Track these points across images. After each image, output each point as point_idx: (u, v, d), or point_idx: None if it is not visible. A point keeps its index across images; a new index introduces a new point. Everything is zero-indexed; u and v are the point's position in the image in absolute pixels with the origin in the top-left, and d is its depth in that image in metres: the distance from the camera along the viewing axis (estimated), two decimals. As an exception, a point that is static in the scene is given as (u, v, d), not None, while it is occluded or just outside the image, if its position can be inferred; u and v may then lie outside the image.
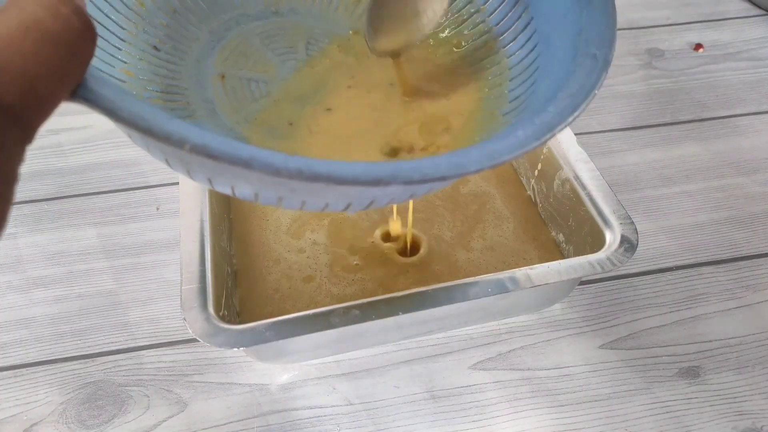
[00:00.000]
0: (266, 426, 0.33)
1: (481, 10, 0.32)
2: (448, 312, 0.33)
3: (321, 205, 0.21)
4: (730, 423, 0.33)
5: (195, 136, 0.15)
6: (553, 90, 0.23)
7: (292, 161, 0.16)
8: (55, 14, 0.13)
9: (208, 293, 0.30)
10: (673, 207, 0.44)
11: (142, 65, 0.27)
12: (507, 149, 0.19)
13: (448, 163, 0.18)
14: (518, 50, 0.29)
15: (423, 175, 0.17)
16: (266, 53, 0.31)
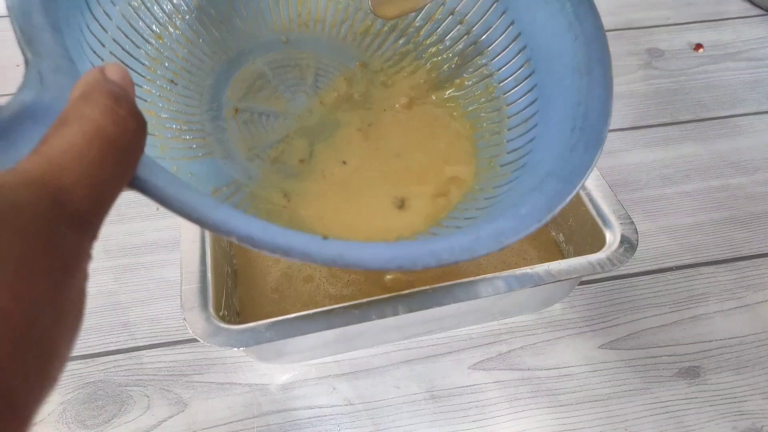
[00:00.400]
0: (266, 426, 0.33)
1: (484, 53, 0.33)
2: (448, 312, 0.33)
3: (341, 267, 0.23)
4: (730, 423, 0.33)
5: (240, 227, 0.17)
6: (553, 159, 0.24)
7: (327, 249, 0.18)
8: (114, 119, 0.14)
9: (208, 293, 0.30)
10: (673, 207, 0.44)
11: (161, 102, 0.28)
12: (512, 232, 0.21)
13: (461, 249, 0.20)
14: (518, 99, 0.30)
15: (439, 260, 0.20)
16: (278, 86, 0.32)
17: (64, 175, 0.13)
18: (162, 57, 0.28)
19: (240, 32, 0.32)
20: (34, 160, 0.13)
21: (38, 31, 0.18)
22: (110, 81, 0.15)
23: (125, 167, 0.14)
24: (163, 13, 0.29)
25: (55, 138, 0.13)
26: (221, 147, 0.29)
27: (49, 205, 0.12)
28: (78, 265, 0.13)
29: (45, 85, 0.16)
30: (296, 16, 0.34)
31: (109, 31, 0.25)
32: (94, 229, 0.14)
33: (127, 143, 0.14)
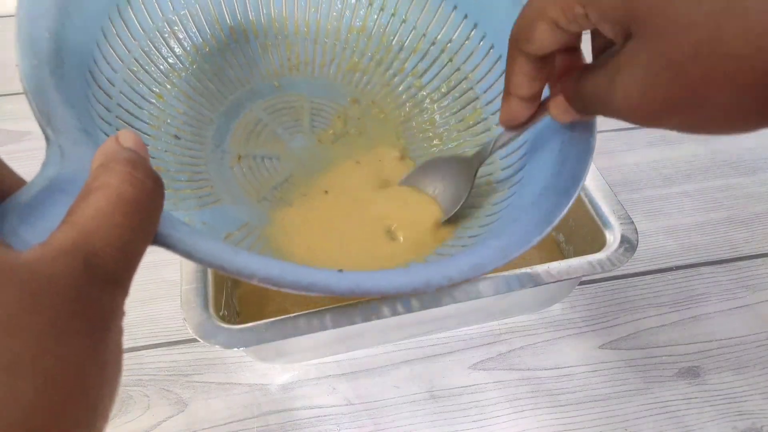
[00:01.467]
0: (266, 426, 0.33)
1: (469, 77, 0.34)
2: (448, 312, 0.33)
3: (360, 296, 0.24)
4: (730, 423, 0.33)
5: (260, 269, 0.18)
6: (547, 173, 0.26)
7: (344, 281, 0.19)
8: (134, 182, 0.15)
9: (208, 293, 0.30)
10: (673, 207, 0.44)
11: (167, 157, 0.29)
12: (515, 246, 0.23)
13: (470, 267, 0.22)
14: None
15: (451, 280, 0.21)
16: (276, 129, 0.34)
17: (93, 241, 0.14)
18: (164, 114, 0.30)
19: (234, 82, 0.34)
20: (65, 230, 0.14)
21: (54, 109, 0.19)
22: (125, 148, 0.16)
23: (148, 225, 0.16)
24: (160, 74, 0.30)
25: (82, 207, 0.14)
26: (229, 193, 0.30)
27: (83, 271, 0.13)
28: (113, 321, 0.14)
29: (66, 159, 0.17)
30: (286, 61, 0.36)
31: (114, 97, 0.27)
32: (125, 287, 0.15)
33: (147, 203, 0.15)
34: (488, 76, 0.33)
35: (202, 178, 0.30)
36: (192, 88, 0.32)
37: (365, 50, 0.36)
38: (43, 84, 0.20)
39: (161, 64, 0.30)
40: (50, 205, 0.15)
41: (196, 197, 0.29)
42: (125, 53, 0.28)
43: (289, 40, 0.36)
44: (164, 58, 0.31)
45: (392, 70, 0.36)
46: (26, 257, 0.13)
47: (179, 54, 0.32)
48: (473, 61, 0.33)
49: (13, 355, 0.11)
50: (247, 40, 0.34)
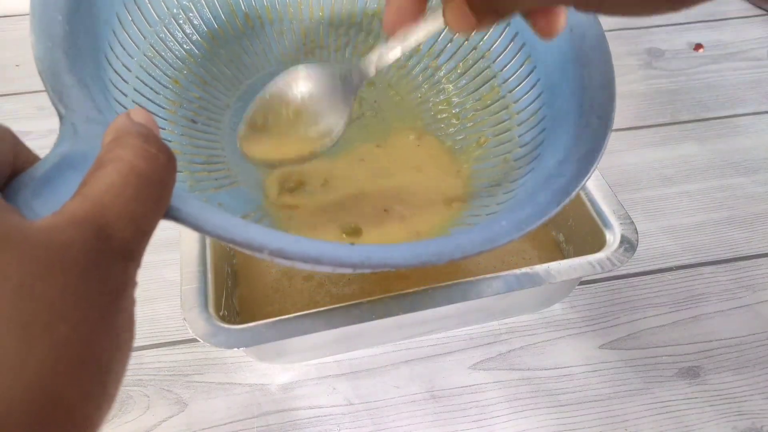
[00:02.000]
0: (266, 426, 0.33)
1: (486, 55, 0.33)
2: (448, 312, 0.33)
3: (368, 272, 0.23)
4: (730, 423, 0.33)
5: (271, 241, 0.18)
6: (565, 146, 0.25)
7: (355, 253, 0.19)
8: (146, 156, 0.15)
9: (208, 293, 0.30)
10: (673, 207, 0.44)
11: (184, 140, 0.29)
12: (531, 218, 0.22)
13: (483, 240, 0.21)
14: (524, 96, 0.31)
15: (463, 252, 0.20)
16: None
17: (106, 213, 0.14)
18: (180, 99, 0.30)
19: (250, 68, 0.34)
20: (78, 201, 0.14)
21: (68, 88, 0.19)
22: (137, 123, 0.16)
23: (160, 198, 0.16)
24: (176, 59, 0.30)
25: (95, 180, 0.14)
26: (245, 176, 0.30)
27: (95, 241, 0.13)
28: (125, 291, 0.14)
29: (79, 136, 0.17)
30: (301, 45, 0.35)
31: (130, 82, 0.27)
32: (137, 259, 0.15)
33: (159, 177, 0.15)
34: (505, 53, 0.32)
35: (218, 161, 0.30)
36: (208, 73, 0.32)
37: (381, 33, 0.35)
38: (57, 65, 0.20)
39: (177, 50, 0.30)
40: (63, 180, 0.15)
41: (213, 179, 0.29)
42: (141, 39, 0.28)
43: (304, 25, 0.35)
44: (180, 44, 0.31)
45: (408, 52, 0.36)
46: (39, 225, 0.13)
47: (195, 40, 0.31)
48: (490, 39, 0.33)
49: (26, 320, 0.12)
50: (263, 26, 0.34)
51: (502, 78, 0.32)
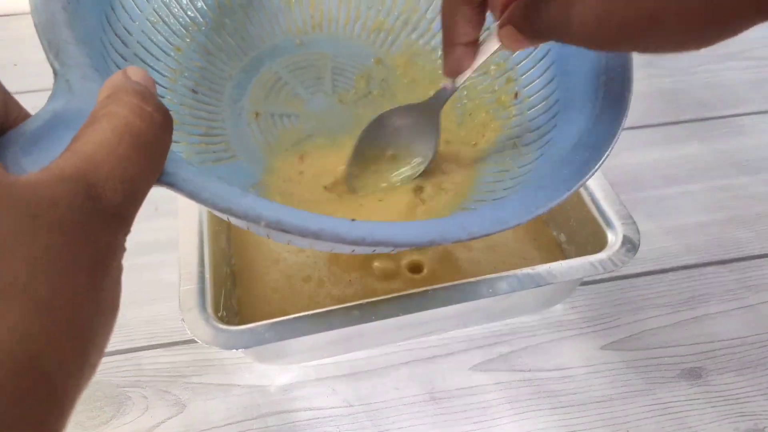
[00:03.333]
0: (265, 427, 0.32)
1: None
2: (449, 313, 0.33)
3: (370, 251, 0.22)
4: (732, 424, 0.33)
5: (268, 212, 0.17)
6: (579, 131, 0.24)
7: (356, 229, 0.18)
8: (142, 114, 0.14)
9: (206, 294, 0.30)
10: (676, 207, 0.44)
11: (184, 110, 0.28)
12: (542, 202, 0.21)
13: (491, 221, 0.20)
14: (536, 80, 0.30)
15: (470, 233, 0.19)
16: (295, 88, 0.33)
17: (97, 170, 0.13)
18: (182, 67, 0.29)
19: (255, 39, 0.33)
20: (67, 157, 0.13)
21: (64, 44, 0.19)
22: (134, 81, 0.16)
23: (154, 160, 0.15)
24: (180, 26, 0.30)
25: (86, 135, 0.14)
26: (245, 150, 0.29)
27: (84, 200, 0.13)
28: (113, 257, 0.14)
29: (74, 93, 0.17)
30: (309, 18, 0.35)
31: (130, 47, 0.26)
32: (127, 223, 0.14)
33: (154, 137, 0.15)
34: (532, 54, 0.31)
35: (218, 133, 0.29)
36: (211, 42, 0.31)
37: (391, 9, 0.35)
38: (54, 19, 0.19)
39: (181, 17, 0.30)
40: (54, 138, 0.15)
41: (211, 152, 0.28)
42: (144, 3, 0.27)
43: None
44: (184, 10, 0.30)
45: (419, 30, 0.35)
46: (25, 180, 0.12)
47: (200, 8, 0.31)
48: None
49: (6, 278, 0.11)
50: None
51: (513, 62, 0.32)
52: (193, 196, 0.17)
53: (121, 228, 0.14)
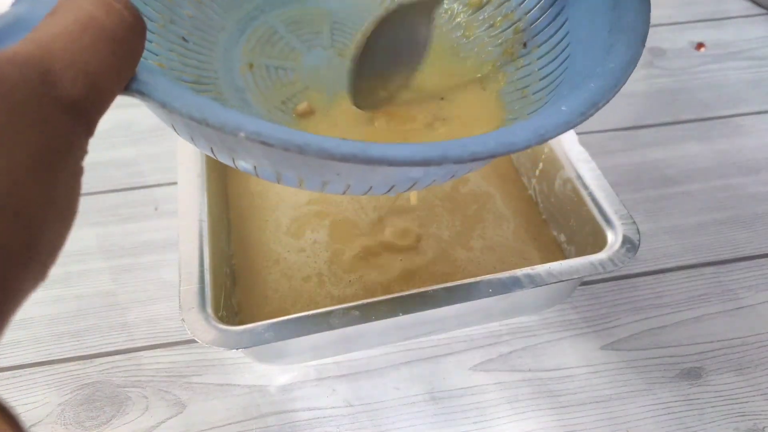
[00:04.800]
0: (265, 427, 0.32)
1: None
2: (449, 313, 0.33)
3: (365, 189, 0.21)
4: (731, 424, 0.33)
5: (249, 124, 0.16)
6: (591, 66, 0.23)
7: (345, 146, 0.16)
8: (109, 10, 0.14)
9: (206, 294, 0.30)
10: (675, 207, 0.44)
11: (173, 56, 0.27)
12: (553, 126, 0.19)
13: (496, 141, 0.18)
14: (546, 27, 0.29)
15: (472, 153, 0.17)
16: (292, 40, 0.31)
17: (54, 58, 0.12)
18: (171, 14, 0.28)
19: None
20: (23, 43, 0.13)
21: None
22: None
23: (122, 60, 0.14)
24: None
25: (46, 25, 0.13)
26: (238, 101, 0.28)
27: (38, 84, 0.12)
28: (68, 151, 0.13)
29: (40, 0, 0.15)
30: None
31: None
32: (89, 121, 0.13)
33: (123, 35, 0.14)
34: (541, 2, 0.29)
35: (209, 82, 0.28)
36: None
37: None
38: None
39: None
40: (12, 41, 0.14)
41: None
42: None
43: None
44: None
45: None
46: None
47: None
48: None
49: None
50: None
51: (522, 11, 0.30)
52: (165, 105, 0.16)
53: (81, 123, 0.13)
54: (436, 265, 0.38)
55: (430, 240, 0.40)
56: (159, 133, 0.49)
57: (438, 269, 0.38)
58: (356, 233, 0.40)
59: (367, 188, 0.21)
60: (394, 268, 0.38)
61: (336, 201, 0.42)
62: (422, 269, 0.38)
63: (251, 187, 0.43)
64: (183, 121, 0.19)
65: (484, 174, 0.44)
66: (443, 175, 0.22)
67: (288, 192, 0.43)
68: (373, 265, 0.38)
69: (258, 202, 0.42)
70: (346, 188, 0.21)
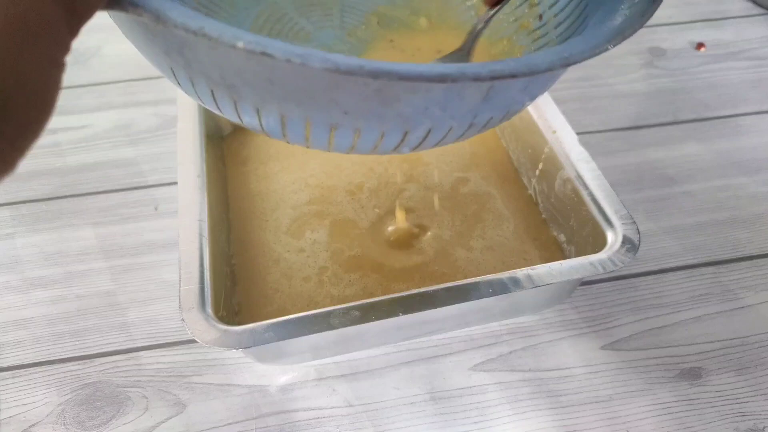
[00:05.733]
0: (265, 428, 0.32)
1: None
2: (449, 313, 0.33)
3: (376, 136, 0.20)
4: (731, 424, 0.33)
5: (248, 35, 0.15)
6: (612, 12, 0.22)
7: (349, 59, 0.15)
8: None
9: (206, 294, 0.30)
10: (675, 207, 0.44)
11: None
12: (578, 51, 0.18)
13: (517, 62, 0.17)
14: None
15: (491, 71, 0.16)
16: (300, 21, 0.31)
17: None
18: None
19: None
20: None
21: None
22: None
23: None
24: None
25: None
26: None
27: None
28: (44, 31, 0.12)
29: None
30: None
31: None
32: (75, 22, 0.13)
33: None
34: None
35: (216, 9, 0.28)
36: None
37: None
38: None
39: None
40: None
41: None
42: None
43: None
44: None
45: None
46: None
47: None
48: None
49: None
50: None
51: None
52: (160, 16, 0.15)
53: (68, 25, 0.13)
54: (436, 265, 0.38)
55: (430, 240, 0.40)
56: (159, 133, 0.49)
57: (438, 269, 0.38)
58: (356, 233, 0.40)
59: (379, 134, 0.19)
60: (394, 268, 0.38)
61: (336, 201, 0.42)
62: (422, 269, 0.38)
63: (251, 187, 0.43)
64: (178, 43, 0.18)
65: (484, 174, 0.44)
66: (462, 116, 0.20)
67: (288, 192, 0.43)
68: (372, 265, 0.38)
69: (258, 202, 0.42)
70: (356, 136, 0.19)
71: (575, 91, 0.53)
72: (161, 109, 0.51)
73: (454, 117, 0.20)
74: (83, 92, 0.53)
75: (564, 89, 0.53)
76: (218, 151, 0.44)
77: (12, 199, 0.44)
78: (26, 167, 0.46)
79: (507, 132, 0.45)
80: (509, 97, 0.20)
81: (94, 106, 0.51)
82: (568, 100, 0.52)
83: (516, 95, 0.21)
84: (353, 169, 0.44)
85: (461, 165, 0.45)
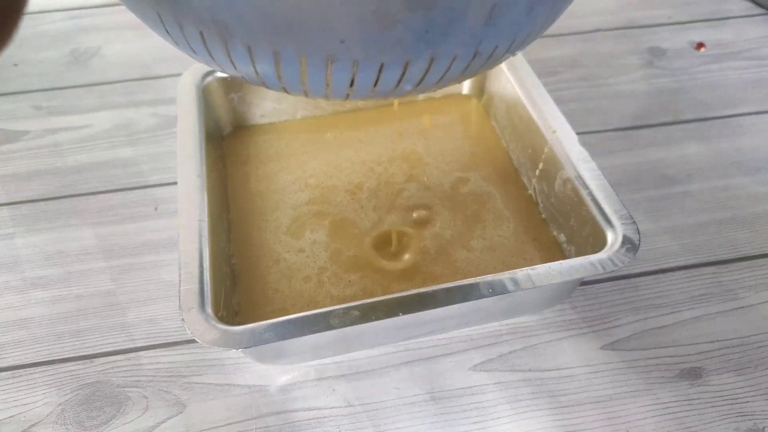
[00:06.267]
0: (265, 428, 0.33)
1: None
2: (449, 313, 0.33)
3: (375, 69, 0.19)
4: (731, 424, 0.33)
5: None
6: None
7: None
8: None
9: (206, 294, 0.30)
10: (675, 207, 0.44)
11: None
12: None
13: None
14: None
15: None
16: None
17: None
18: None
19: None
20: None
21: None
22: None
23: None
24: None
25: None
26: None
27: None
28: None
29: None
30: None
31: None
32: None
33: None
34: None
35: None
36: None
37: None
38: None
39: None
40: None
41: None
42: None
43: None
44: None
45: None
46: None
47: None
48: None
49: None
50: None
51: None
52: None
53: None
54: (436, 265, 0.38)
55: (430, 240, 0.40)
56: (159, 133, 0.49)
57: (438, 269, 0.38)
58: (356, 233, 0.40)
59: (378, 66, 0.18)
60: (394, 268, 0.38)
61: (336, 201, 0.42)
62: (422, 269, 0.38)
63: (251, 187, 0.43)
64: None
65: (484, 174, 0.44)
66: (465, 42, 0.19)
67: (288, 192, 0.43)
68: (372, 265, 0.38)
69: (258, 202, 0.42)
70: (354, 69, 0.18)
71: (575, 91, 0.53)
72: (161, 109, 0.51)
73: (457, 43, 0.19)
74: (83, 92, 0.53)
75: (564, 89, 0.53)
76: (218, 151, 0.44)
77: (12, 199, 0.44)
78: (26, 167, 0.46)
79: (507, 132, 0.45)
80: (514, 21, 0.19)
81: (94, 106, 0.51)
82: (568, 100, 0.52)
83: (522, 19, 0.19)
84: (353, 169, 0.44)
85: (461, 165, 0.45)
